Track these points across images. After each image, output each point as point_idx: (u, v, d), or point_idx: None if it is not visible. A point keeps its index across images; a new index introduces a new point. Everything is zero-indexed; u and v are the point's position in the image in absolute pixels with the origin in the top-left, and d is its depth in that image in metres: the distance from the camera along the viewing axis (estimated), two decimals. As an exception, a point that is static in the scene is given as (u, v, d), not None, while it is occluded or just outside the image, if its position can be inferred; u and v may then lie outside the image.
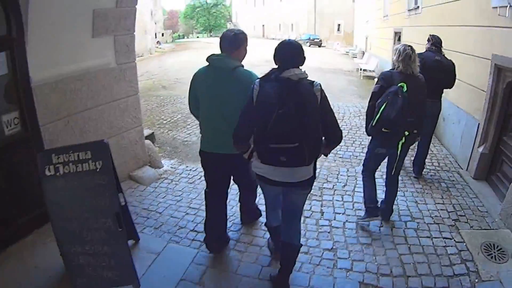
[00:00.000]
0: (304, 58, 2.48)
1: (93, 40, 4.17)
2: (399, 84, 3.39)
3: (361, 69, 15.52)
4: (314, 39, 36.85)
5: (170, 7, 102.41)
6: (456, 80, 5.09)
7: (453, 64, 5.02)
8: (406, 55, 3.51)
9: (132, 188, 4.77)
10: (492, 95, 4.81)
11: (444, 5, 7.01)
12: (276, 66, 2.46)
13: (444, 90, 5.21)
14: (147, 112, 9.04)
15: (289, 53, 2.44)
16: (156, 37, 37.06)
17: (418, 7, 9.16)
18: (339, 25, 43.85)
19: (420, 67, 3.76)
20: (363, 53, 20.64)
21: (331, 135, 2.54)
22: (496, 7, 4.62)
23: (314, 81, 2.46)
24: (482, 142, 5.04)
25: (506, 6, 4.31)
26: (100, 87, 4.37)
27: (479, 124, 5.12)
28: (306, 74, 2.41)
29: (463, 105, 5.95)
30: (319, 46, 35.84)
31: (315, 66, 17.75)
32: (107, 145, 2.79)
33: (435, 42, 5.17)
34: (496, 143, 4.91)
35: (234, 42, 2.89)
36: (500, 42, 4.63)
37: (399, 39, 11.74)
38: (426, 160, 5.53)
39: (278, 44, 2.51)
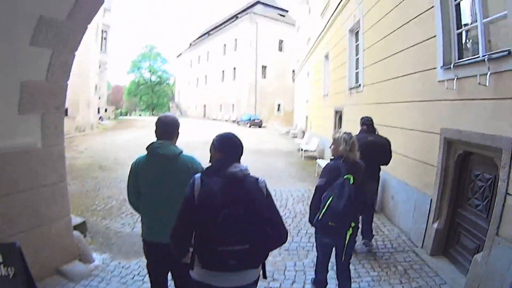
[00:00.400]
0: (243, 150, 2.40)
1: (19, 117, 3.71)
2: (346, 177, 3.40)
3: (302, 150, 15.48)
4: (255, 119, 37.19)
5: (115, 82, 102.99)
6: (403, 157, 5.37)
7: (388, 141, 5.32)
8: (352, 143, 3.62)
9: (60, 285, 4.10)
10: (443, 169, 4.85)
11: (387, 82, 7.19)
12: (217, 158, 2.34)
13: (391, 167, 5.46)
14: (81, 196, 8.25)
15: (234, 147, 2.35)
16: (99, 112, 36.25)
17: (360, 85, 9.37)
18: (279, 104, 45.71)
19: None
20: (304, 133, 20.95)
21: (276, 234, 2.30)
22: (443, 80, 4.73)
23: (258, 178, 2.32)
24: (436, 217, 4.99)
25: (453, 79, 4.42)
26: (24, 169, 3.84)
27: (431, 199, 5.07)
28: (249, 170, 2.28)
29: (412, 182, 5.90)
30: (260, 127, 36.16)
31: (254, 148, 17.62)
32: (19, 249, 2.23)
33: (366, 122, 5.45)
34: (451, 217, 4.87)
35: (174, 128, 2.94)
36: (449, 115, 4.71)
37: (340, 118, 11.98)
38: (379, 243, 5.48)
39: (221, 137, 2.39)
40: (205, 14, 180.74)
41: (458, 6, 4.81)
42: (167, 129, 2.90)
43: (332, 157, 3.79)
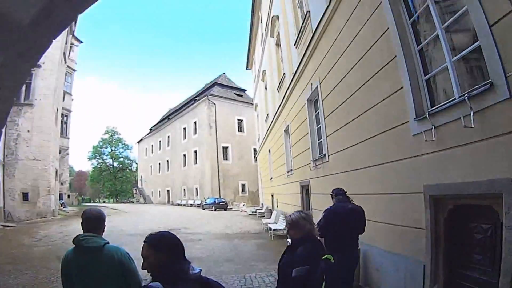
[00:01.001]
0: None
1: None
2: (326, 257, 3.40)
3: (270, 230, 14.47)
4: (220, 202, 36.40)
5: (79, 167, 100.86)
6: (385, 225, 5.14)
7: (363, 209, 5.06)
8: (311, 219, 3.42)
9: None
10: (433, 230, 4.22)
11: (355, 146, 6.57)
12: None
13: (371, 237, 5.42)
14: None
15: (179, 245, 2.15)
16: (62, 199, 34.92)
17: (325, 154, 8.71)
18: (243, 185, 45.02)
19: (333, 220, 4.37)
20: (271, 212, 20.10)
21: None
22: (420, 133, 4.22)
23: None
24: (433, 284, 4.23)
25: (430, 129, 3.95)
26: None
27: (424, 265, 4.32)
28: None
29: (400, 250, 5.13)
30: (225, 209, 35.41)
31: (221, 232, 16.80)
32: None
33: (339, 193, 5.25)
34: (450, 280, 4.13)
35: (100, 221, 3.04)
36: (431, 170, 4.14)
37: (307, 193, 11.22)
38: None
39: (160, 235, 2.21)
40: (165, 98, 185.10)
41: (421, 51, 4.44)
42: (92, 222, 2.99)
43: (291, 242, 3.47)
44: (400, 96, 4.69)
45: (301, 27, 10.78)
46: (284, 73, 14.65)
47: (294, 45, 11.81)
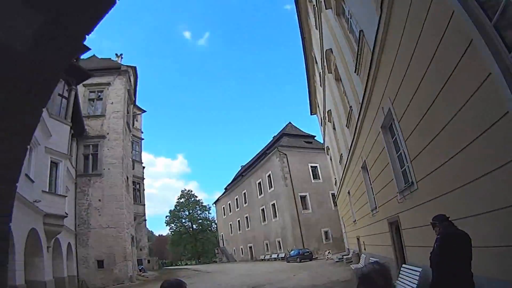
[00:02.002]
0: None
1: None
2: None
3: (361, 275, 13.14)
4: (304, 253, 35.20)
5: (159, 232, 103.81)
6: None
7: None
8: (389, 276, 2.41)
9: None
10: None
11: (447, 164, 5.55)
12: None
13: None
14: None
15: None
16: (141, 264, 35.93)
17: (412, 182, 7.62)
18: (326, 232, 43.15)
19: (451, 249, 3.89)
20: (359, 256, 18.65)
21: None
22: None
23: None
24: None
25: None
26: None
27: None
28: None
29: None
30: (310, 260, 34.09)
31: (308, 284, 15.63)
32: None
33: (443, 220, 4.60)
34: None
35: None
36: None
37: (397, 230, 10.02)
38: None
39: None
40: (235, 158, 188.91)
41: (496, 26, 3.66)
42: None
43: None
44: (489, 85, 3.83)
45: (358, 50, 10.15)
46: (350, 106, 13.90)
47: (355, 72, 11.13)
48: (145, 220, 37.94)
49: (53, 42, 2.45)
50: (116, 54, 36.19)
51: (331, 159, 29.52)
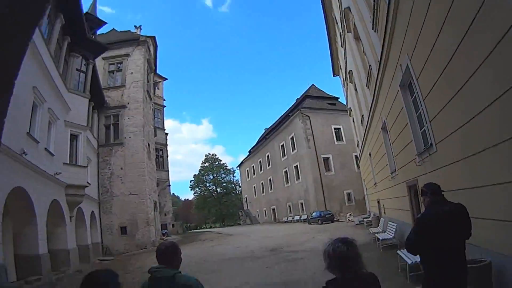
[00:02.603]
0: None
1: None
2: None
3: (378, 240, 12.81)
4: (326, 215, 35.20)
5: (185, 197, 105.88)
6: None
7: (464, 206, 3.84)
8: (340, 257, 2.42)
9: None
10: None
11: (469, 124, 5.00)
12: None
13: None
14: None
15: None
16: (166, 228, 37.11)
17: (431, 144, 7.07)
18: (348, 194, 43.08)
19: (427, 233, 3.64)
20: (379, 219, 18.29)
21: None
22: None
23: None
24: None
25: None
26: None
27: None
28: None
29: None
30: (332, 222, 34.07)
31: None
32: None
33: (435, 191, 3.99)
34: None
35: (170, 254, 3.14)
36: None
37: (415, 194, 9.54)
38: None
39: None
40: (259, 121, 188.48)
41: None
42: (162, 255, 3.12)
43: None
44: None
45: (374, 4, 9.50)
46: (369, 65, 13.24)
47: (373, 29, 10.49)
48: (169, 185, 38.52)
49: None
50: (135, 26, 36.19)
51: (353, 121, 28.93)
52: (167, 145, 37.65)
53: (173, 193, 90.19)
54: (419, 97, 7.52)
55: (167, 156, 37.46)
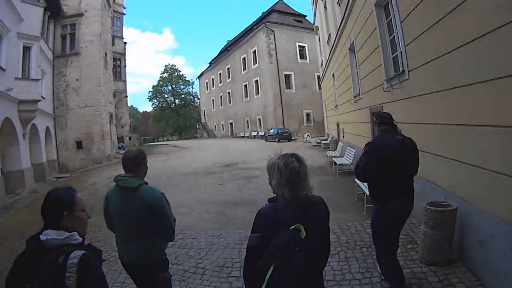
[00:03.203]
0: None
1: None
2: (293, 227, 2.05)
3: (335, 164, 12.70)
4: (283, 133, 35.31)
5: (144, 109, 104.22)
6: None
7: (413, 141, 3.96)
8: (292, 172, 2.21)
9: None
10: None
11: (449, 55, 4.57)
12: None
13: (477, 195, 4.13)
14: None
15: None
16: (122, 141, 35.95)
17: (403, 71, 6.66)
18: (308, 114, 43.37)
19: (377, 158, 3.65)
20: (337, 143, 18.33)
21: None
22: None
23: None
24: None
25: None
26: None
27: None
28: None
29: None
30: (289, 140, 34.20)
31: None
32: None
33: (385, 121, 4.04)
34: None
35: (134, 163, 3.11)
36: None
37: (378, 121, 9.29)
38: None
39: None
40: (222, 33, 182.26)
41: None
42: (129, 163, 3.09)
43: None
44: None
45: None
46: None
47: None
48: (126, 96, 37.15)
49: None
50: None
51: (319, 40, 27.96)
52: (125, 54, 35.60)
53: (132, 105, 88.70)
54: (395, 19, 6.96)
55: (125, 66, 35.50)
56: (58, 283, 1.65)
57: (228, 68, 56.78)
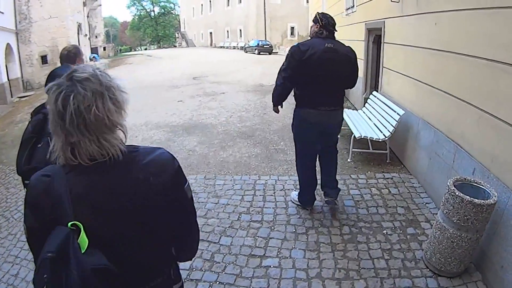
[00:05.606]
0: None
1: None
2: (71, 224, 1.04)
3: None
4: (264, 45, 33.34)
5: (124, 18, 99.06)
6: None
7: (353, 52, 3.64)
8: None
9: None
10: None
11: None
12: None
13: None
14: None
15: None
16: (96, 52, 33.71)
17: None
18: (292, 28, 41.36)
19: (299, 63, 3.42)
20: (322, 60, 16.71)
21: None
22: None
23: None
24: None
25: None
26: None
27: None
28: None
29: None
30: (270, 53, 32.42)
31: (254, 82, 13.81)
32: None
33: (327, 24, 3.56)
34: None
35: (68, 59, 3.58)
36: None
37: (377, 41, 7.65)
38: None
39: None
40: None
41: None
42: (64, 60, 3.59)
43: None
44: None
45: None
46: None
47: None
48: (100, 5, 34.29)
49: None
50: None
51: None
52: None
53: (111, 16, 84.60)
54: None
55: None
56: None
57: (211, -27, 53.07)
